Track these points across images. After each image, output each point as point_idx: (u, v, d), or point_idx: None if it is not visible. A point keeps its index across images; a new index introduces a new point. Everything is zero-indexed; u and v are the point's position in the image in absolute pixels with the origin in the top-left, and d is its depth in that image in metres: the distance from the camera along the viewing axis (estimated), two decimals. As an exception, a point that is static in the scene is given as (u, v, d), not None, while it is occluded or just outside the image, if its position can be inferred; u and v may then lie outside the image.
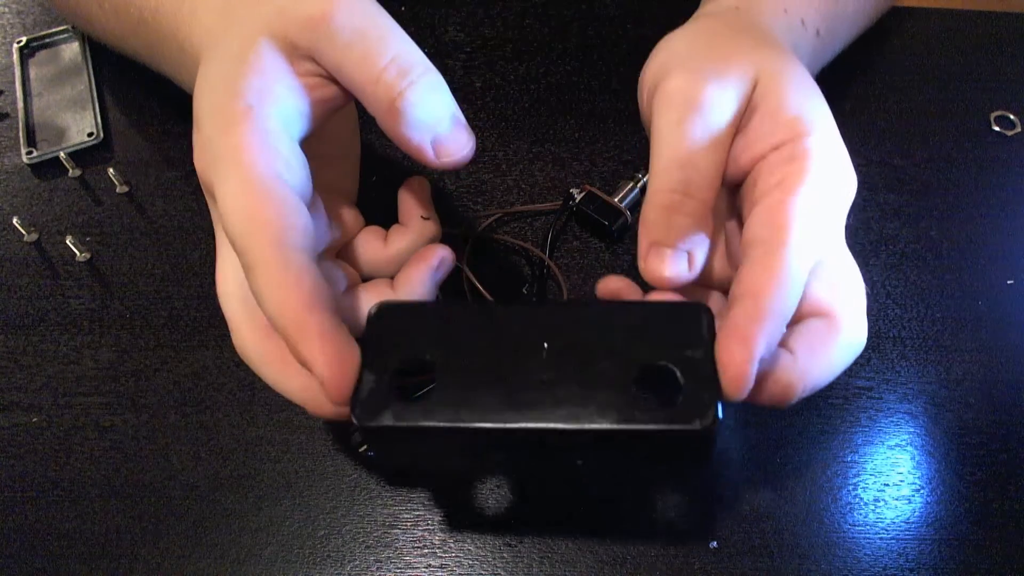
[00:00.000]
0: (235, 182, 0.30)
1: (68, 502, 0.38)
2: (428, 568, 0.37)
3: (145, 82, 0.50)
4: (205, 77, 0.33)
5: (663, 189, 0.33)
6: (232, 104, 0.31)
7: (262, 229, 0.29)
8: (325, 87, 0.33)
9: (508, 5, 0.55)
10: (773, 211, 0.31)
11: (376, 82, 0.32)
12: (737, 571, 0.36)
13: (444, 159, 0.33)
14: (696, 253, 0.33)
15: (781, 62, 0.35)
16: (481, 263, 0.44)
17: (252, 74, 0.31)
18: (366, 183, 0.41)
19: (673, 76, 0.34)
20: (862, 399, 0.41)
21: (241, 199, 0.30)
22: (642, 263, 0.34)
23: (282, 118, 0.32)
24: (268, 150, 0.31)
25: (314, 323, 0.29)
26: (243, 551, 0.37)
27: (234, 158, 0.30)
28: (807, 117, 0.33)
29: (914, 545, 0.37)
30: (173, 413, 0.40)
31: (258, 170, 0.30)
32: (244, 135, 0.30)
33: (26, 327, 0.43)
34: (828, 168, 0.32)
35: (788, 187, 0.31)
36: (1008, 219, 0.46)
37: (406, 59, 0.32)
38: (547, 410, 0.29)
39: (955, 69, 0.53)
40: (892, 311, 0.43)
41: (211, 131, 0.31)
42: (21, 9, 0.55)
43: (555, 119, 0.50)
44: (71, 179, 0.48)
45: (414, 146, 0.33)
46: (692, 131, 0.33)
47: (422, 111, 0.32)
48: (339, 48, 0.32)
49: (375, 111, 0.32)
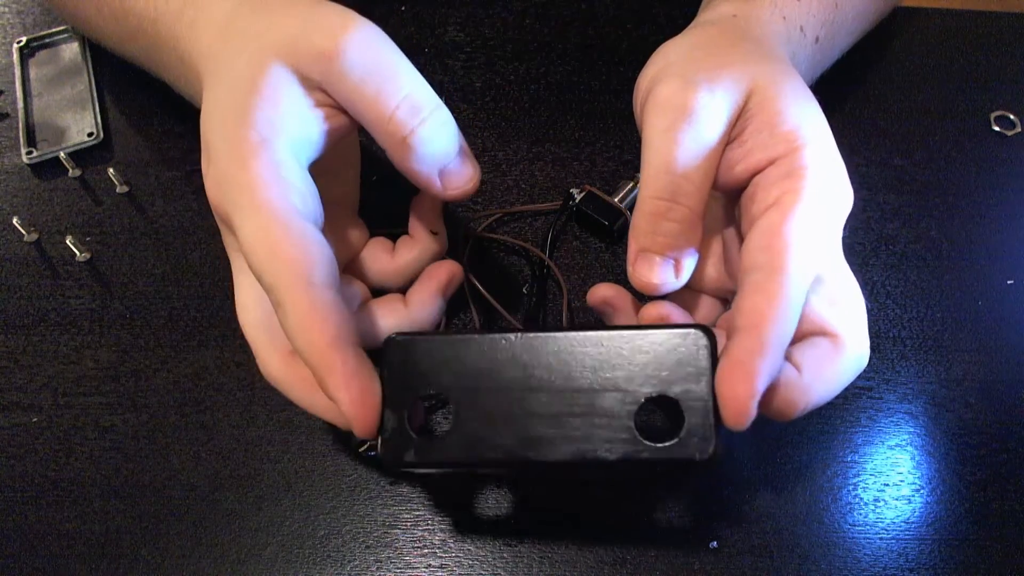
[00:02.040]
0: (255, 220, 0.31)
1: (68, 502, 0.38)
2: (428, 568, 0.37)
3: (145, 82, 0.50)
4: (215, 103, 0.33)
5: (651, 196, 0.33)
6: (244, 135, 0.31)
7: (287, 267, 0.30)
8: (336, 117, 0.34)
9: (508, 5, 0.55)
10: (770, 235, 0.31)
11: (388, 120, 0.32)
12: (737, 571, 0.36)
13: (450, 191, 0.35)
14: (683, 260, 0.34)
15: (777, 72, 0.35)
16: (481, 263, 0.44)
17: (264, 103, 0.32)
18: (366, 183, 0.41)
19: (665, 83, 0.34)
20: (862, 399, 0.41)
21: (263, 237, 0.30)
22: (630, 269, 0.34)
23: (293, 148, 0.32)
24: (283, 184, 0.31)
25: (339, 361, 0.30)
26: (243, 551, 0.37)
27: (251, 195, 0.31)
28: (804, 130, 0.33)
29: (914, 545, 0.37)
30: (173, 413, 0.40)
31: (276, 206, 0.31)
32: (259, 170, 0.31)
33: (26, 327, 0.43)
34: (825, 184, 0.32)
35: (785, 208, 0.31)
36: (1008, 219, 0.46)
37: (417, 98, 0.33)
38: (556, 446, 0.31)
39: (955, 69, 0.53)
40: (892, 311, 0.43)
41: (225, 165, 0.32)
42: (21, 9, 0.55)
43: (555, 119, 0.50)
44: (71, 179, 0.48)
45: (423, 179, 0.34)
46: (681, 138, 0.33)
47: (432, 147, 0.33)
48: (350, 84, 0.32)
49: (386, 145, 0.33)
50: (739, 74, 0.34)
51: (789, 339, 0.31)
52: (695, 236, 0.34)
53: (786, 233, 0.31)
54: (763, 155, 0.33)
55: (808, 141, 0.32)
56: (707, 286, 0.38)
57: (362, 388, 0.30)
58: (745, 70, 0.34)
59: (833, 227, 0.33)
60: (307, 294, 0.30)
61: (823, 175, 0.32)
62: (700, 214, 0.34)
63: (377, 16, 0.34)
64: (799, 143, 0.32)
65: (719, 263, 0.37)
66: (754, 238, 0.32)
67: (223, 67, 0.34)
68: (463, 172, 0.35)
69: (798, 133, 0.33)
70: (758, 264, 0.31)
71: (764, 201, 0.32)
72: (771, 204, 0.32)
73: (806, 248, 0.31)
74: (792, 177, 0.32)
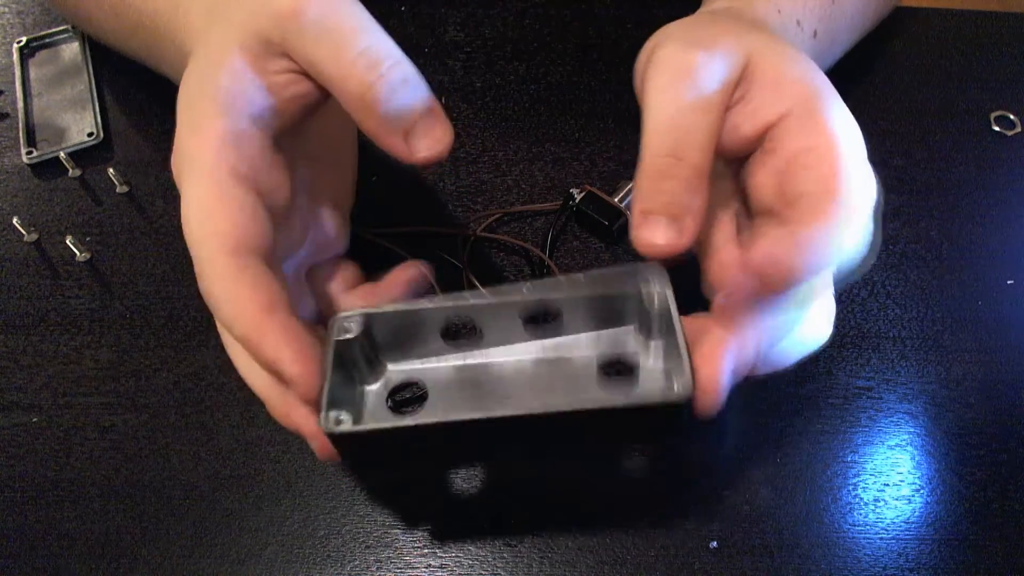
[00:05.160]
0: (194, 183, 0.30)
1: (68, 502, 0.38)
2: (428, 568, 0.37)
3: (145, 82, 0.50)
4: (185, 80, 0.33)
5: (653, 154, 0.32)
6: (202, 105, 0.31)
7: (215, 234, 0.30)
8: (299, 83, 0.33)
9: (508, 5, 0.55)
10: (819, 166, 0.31)
11: (347, 75, 0.31)
12: (737, 571, 0.36)
13: (418, 154, 0.33)
14: (688, 219, 0.32)
15: (774, 42, 0.35)
16: (481, 263, 0.44)
17: (223, 74, 0.32)
18: (366, 183, 0.41)
19: (665, 46, 0.33)
20: (862, 399, 0.41)
21: (196, 202, 0.30)
22: (634, 233, 0.33)
23: (254, 118, 0.32)
24: (232, 151, 0.31)
25: (276, 323, 0.29)
26: (243, 551, 0.37)
27: (198, 159, 0.31)
28: (809, 84, 0.33)
29: (914, 545, 0.37)
30: (173, 413, 0.40)
31: (219, 171, 0.30)
32: (209, 136, 0.31)
33: (26, 327, 0.43)
34: (847, 123, 0.32)
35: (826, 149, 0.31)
36: (1008, 219, 0.46)
37: (376, 51, 0.32)
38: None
39: (955, 69, 0.53)
40: (892, 311, 0.43)
41: (183, 134, 0.32)
42: (21, 9, 0.55)
43: (555, 119, 0.50)
44: (71, 179, 0.48)
45: (387, 141, 0.32)
46: (682, 94, 0.32)
47: (394, 104, 0.32)
48: (310, 42, 0.31)
49: (348, 106, 0.32)
50: (737, 41, 0.34)
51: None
52: (700, 196, 0.32)
53: (837, 162, 0.31)
54: (772, 110, 0.33)
55: (815, 92, 0.32)
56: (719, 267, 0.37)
57: (302, 345, 0.29)
58: (742, 38, 0.34)
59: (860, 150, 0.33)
60: (232, 261, 0.29)
61: (841, 116, 0.32)
62: (704, 173, 0.32)
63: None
64: (808, 92, 0.32)
65: (731, 238, 0.37)
66: (798, 174, 0.31)
67: (201, 44, 0.34)
68: (431, 132, 0.33)
69: (804, 84, 0.32)
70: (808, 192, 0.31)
71: (791, 148, 0.32)
72: (802, 148, 0.32)
73: (857, 177, 0.31)
74: (815, 123, 0.32)
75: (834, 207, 0.30)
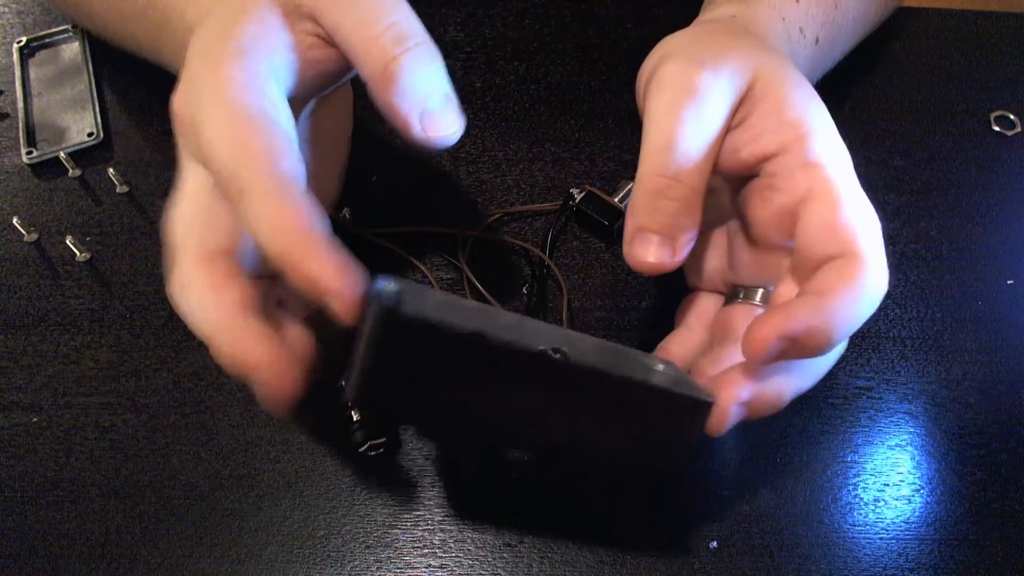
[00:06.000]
0: (221, 113, 0.30)
1: (68, 502, 0.38)
2: (428, 568, 0.37)
3: (145, 82, 0.50)
4: (199, 33, 0.33)
5: (651, 172, 0.33)
6: (223, 45, 0.31)
7: (254, 157, 0.29)
8: (321, 48, 0.33)
9: (508, 5, 0.55)
10: (828, 227, 0.31)
11: (372, 45, 0.31)
12: (737, 571, 0.36)
13: (430, 134, 0.33)
14: (681, 240, 0.33)
15: (778, 63, 0.35)
16: (481, 263, 0.44)
17: (248, 21, 0.31)
18: (366, 183, 0.41)
19: (669, 63, 0.34)
20: (862, 399, 0.41)
21: (228, 129, 0.29)
22: (626, 248, 0.34)
23: (273, 67, 0.32)
24: (256, 90, 0.30)
25: (321, 239, 0.28)
26: (243, 551, 0.37)
27: (221, 92, 0.30)
28: (809, 119, 0.33)
29: (914, 545, 0.37)
30: (173, 413, 0.40)
31: (246, 102, 0.30)
32: (232, 71, 0.30)
33: (26, 327, 0.43)
34: (844, 169, 0.33)
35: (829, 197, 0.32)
36: (1008, 219, 0.46)
37: (405, 26, 0.32)
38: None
39: (955, 69, 0.53)
40: (892, 311, 0.43)
41: (198, 68, 0.31)
42: (21, 9, 0.55)
43: (555, 119, 0.50)
44: (71, 179, 0.48)
45: (402, 117, 0.32)
46: (684, 116, 0.32)
47: (415, 80, 0.32)
48: (340, 8, 0.31)
49: (367, 75, 0.32)
50: (742, 60, 0.34)
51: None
52: (694, 217, 0.33)
53: (846, 222, 0.31)
54: (772, 140, 0.33)
55: (815, 128, 0.33)
56: (710, 277, 0.38)
57: (347, 261, 0.28)
58: (748, 57, 0.34)
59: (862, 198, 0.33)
60: (275, 180, 0.28)
61: (838, 159, 0.33)
62: (700, 194, 0.33)
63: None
64: (806, 130, 0.32)
65: (723, 255, 0.37)
66: (811, 232, 0.32)
67: (222, 4, 0.33)
68: (446, 117, 0.33)
69: (804, 120, 0.33)
70: (829, 254, 0.31)
71: (793, 192, 0.32)
72: (804, 196, 0.32)
73: (868, 225, 0.31)
74: (810, 167, 0.32)
75: (862, 272, 0.31)
